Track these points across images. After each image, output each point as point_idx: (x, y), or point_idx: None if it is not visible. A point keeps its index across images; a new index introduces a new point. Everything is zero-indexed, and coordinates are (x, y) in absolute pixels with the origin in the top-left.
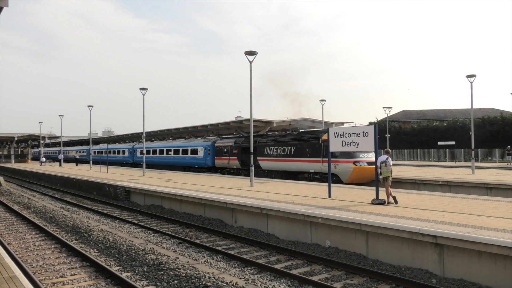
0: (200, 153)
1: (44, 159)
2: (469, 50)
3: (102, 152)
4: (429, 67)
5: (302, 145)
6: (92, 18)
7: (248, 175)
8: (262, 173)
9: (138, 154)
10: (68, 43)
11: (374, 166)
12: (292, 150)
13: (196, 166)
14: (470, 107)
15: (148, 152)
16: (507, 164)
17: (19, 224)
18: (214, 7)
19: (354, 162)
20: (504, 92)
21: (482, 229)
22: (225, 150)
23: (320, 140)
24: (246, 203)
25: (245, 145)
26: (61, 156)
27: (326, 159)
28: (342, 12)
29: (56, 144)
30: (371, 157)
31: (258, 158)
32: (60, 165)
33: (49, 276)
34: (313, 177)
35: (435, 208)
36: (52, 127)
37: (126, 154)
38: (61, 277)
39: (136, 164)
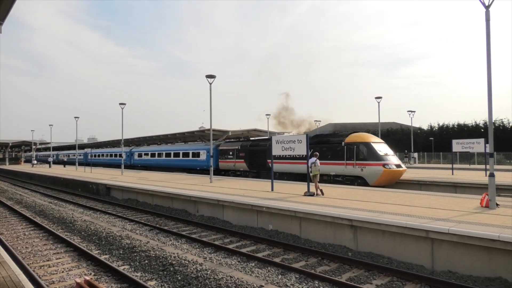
0: (203, 156)
1: (35, 162)
2: (379, 77)
3: (99, 155)
4: (348, 90)
5: (321, 148)
6: (79, 45)
7: (256, 177)
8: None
9: (135, 157)
10: (58, 65)
11: (401, 169)
12: (309, 153)
13: (198, 168)
14: (378, 121)
15: (146, 155)
16: (405, 164)
17: (11, 217)
18: (182, 39)
19: (384, 165)
20: (403, 110)
21: (385, 213)
22: (231, 153)
23: (343, 142)
24: (206, 196)
25: (254, 148)
26: (50, 159)
27: (351, 161)
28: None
29: (47, 149)
30: (395, 160)
31: (268, 161)
32: (49, 167)
33: (36, 261)
34: (334, 180)
35: (352, 198)
36: (43, 134)
37: (124, 157)
38: (48, 260)
39: (134, 167)
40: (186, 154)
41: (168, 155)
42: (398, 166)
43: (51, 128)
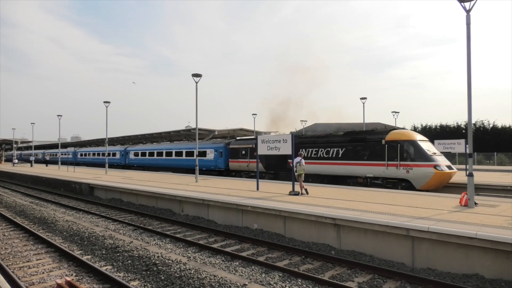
0: (210, 155)
1: (16, 161)
2: (365, 78)
3: (89, 154)
4: (335, 93)
5: (355, 147)
6: (62, 42)
7: (272, 178)
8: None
9: (131, 156)
10: (40, 62)
11: (452, 171)
12: (340, 152)
13: (204, 169)
14: (363, 121)
15: (143, 154)
16: None
17: None
18: (168, 38)
19: (435, 166)
20: (387, 111)
21: (368, 212)
22: (243, 152)
23: (383, 140)
24: (191, 196)
25: None
26: (32, 158)
27: (395, 162)
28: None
29: (29, 148)
30: (445, 160)
31: (289, 161)
32: (31, 166)
33: (16, 262)
34: (371, 182)
35: (336, 197)
36: (24, 133)
37: (117, 156)
38: (28, 261)
39: (129, 167)
40: (190, 153)
41: (169, 154)
42: (449, 167)
43: (33, 126)
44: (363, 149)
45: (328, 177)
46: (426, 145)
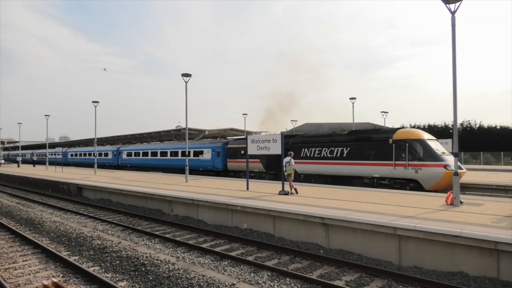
0: (207, 155)
1: (3, 161)
2: (352, 81)
3: (80, 155)
4: (326, 94)
5: (361, 146)
6: (50, 41)
7: (273, 179)
8: (297, 177)
9: (124, 156)
10: (27, 62)
11: (462, 171)
12: (345, 151)
13: (201, 169)
14: (352, 121)
15: (137, 154)
16: None
17: None
18: (158, 37)
19: (445, 166)
20: (376, 111)
21: (357, 211)
22: (242, 152)
23: (391, 140)
24: (181, 196)
25: None
26: (19, 158)
27: (402, 162)
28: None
29: (16, 148)
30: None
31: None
32: (18, 166)
33: (1, 263)
34: (378, 183)
35: (325, 197)
36: (11, 133)
37: (110, 156)
38: (14, 263)
39: (121, 167)
40: (185, 154)
41: (163, 154)
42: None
43: (19, 126)
44: (369, 148)
45: (332, 177)
46: (435, 144)
